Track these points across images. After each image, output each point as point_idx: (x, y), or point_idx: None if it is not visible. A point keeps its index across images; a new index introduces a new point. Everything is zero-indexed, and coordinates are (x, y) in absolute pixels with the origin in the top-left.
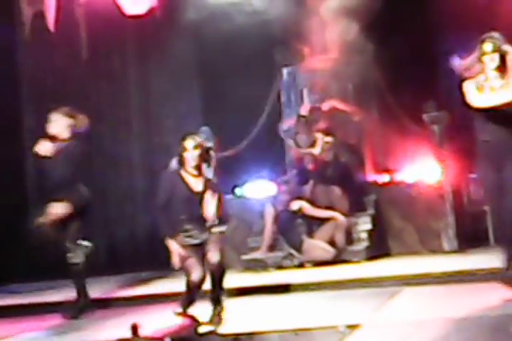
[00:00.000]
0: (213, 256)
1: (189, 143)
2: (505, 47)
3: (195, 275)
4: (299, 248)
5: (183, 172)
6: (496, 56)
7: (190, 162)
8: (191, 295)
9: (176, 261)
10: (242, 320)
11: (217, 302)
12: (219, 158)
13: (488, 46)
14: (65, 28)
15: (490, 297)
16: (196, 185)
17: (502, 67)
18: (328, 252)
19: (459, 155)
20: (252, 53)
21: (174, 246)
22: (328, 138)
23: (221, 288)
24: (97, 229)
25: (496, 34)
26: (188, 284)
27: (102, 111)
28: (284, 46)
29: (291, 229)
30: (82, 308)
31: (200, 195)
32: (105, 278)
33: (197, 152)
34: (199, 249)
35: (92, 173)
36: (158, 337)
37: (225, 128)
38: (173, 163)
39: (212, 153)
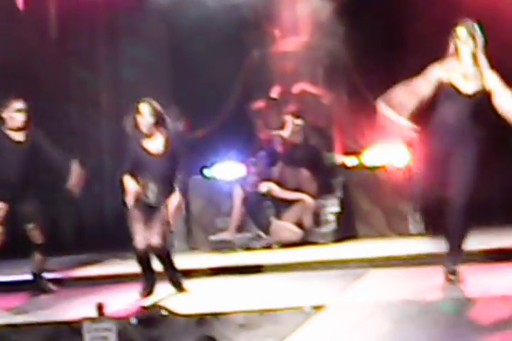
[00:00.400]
0: (154, 237)
1: (144, 108)
2: (478, 34)
3: (138, 241)
4: (266, 229)
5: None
6: (470, 42)
7: (144, 127)
8: (141, 265)
9: (129, 199)
10: (208, 300)
11: (175, 285)
12: (188, 139)
13: (461, 31)
14: (34, 6)
15: None
16: (153, 146)
17: (475, 55)
18: (296, 234)
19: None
20: (222, 35)
21: (130, 184)
22: (298, 121)
23: (173, 269)
24: (64, 209)
25: (469, 21)
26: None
27: (71, 90)
28: (255, 28)
29: (260, 211)
30: (43, 287)
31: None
32: (71, 257)
33: (152, 119)
34: (152, 213)
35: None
36: (123, 316)
37: (195, 110)
38: (128, 125)
39: (167, 118)
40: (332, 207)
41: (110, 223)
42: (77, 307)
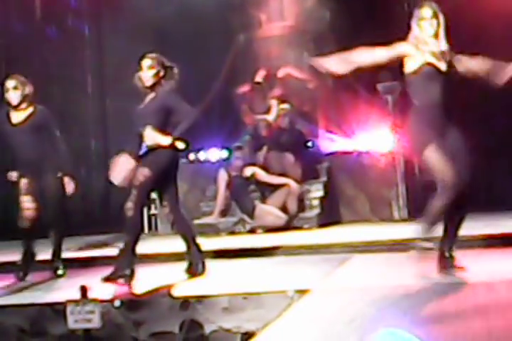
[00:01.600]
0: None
1: (145, 62)
2: (440, 13)
3: None
4: (251, 213)
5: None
6: (435, 22)
7: (145, 82)
8: None
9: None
10: (192, 283)
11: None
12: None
13: (427, 11)
14: None
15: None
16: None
17: (438, 34)
18: (280, 218)
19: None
20: (208, 19)
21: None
22: (284, 105)
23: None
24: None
25: (432, 1)
26: None
27: (55, 72)
28: (240, 13)
29: (244, 195)
30: (27, 269)
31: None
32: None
33: (151, 72)
34: None
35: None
36: (107, 299)
37: (180, 94)
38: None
39: (175, 70)
40: (316, 191)
41: (96, 206)
42: (61, 290)
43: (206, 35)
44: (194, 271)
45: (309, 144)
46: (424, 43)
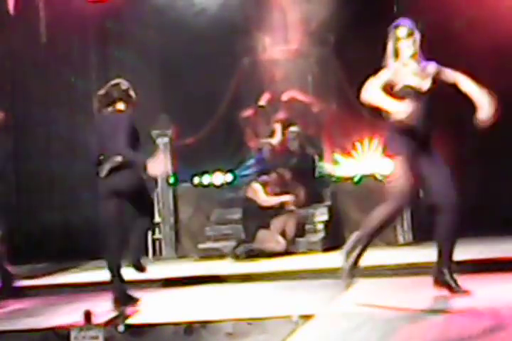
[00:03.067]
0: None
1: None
2: (416, 31)
3: None
4: (252, 238)
5: None
6: (411, 41)
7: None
8: None
9: None
10: (196, 308)
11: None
12: (178, 146)
13: (402, 31)
14: (25, 11)
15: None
16: None
17: (415, 54)
18: (279, 244)
19: None
20: (213, 42)
21: None
22: (294, 128)
23: None
24: (53, 215)
25: (407, 20)
26: None
27: (61, 96)
28: (245, 36)
29: (249, 219)
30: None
31: None
32: (60, 265)
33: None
34: None
35: (48, 159)
36: (111, 324)
37: (185, 117)
38: None
39: (131, 93)
40: (321, 215)
41: (99, 230)
42: (64, 315)
43: (211, 59)
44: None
45: (319, 168)
46: (403, 65)
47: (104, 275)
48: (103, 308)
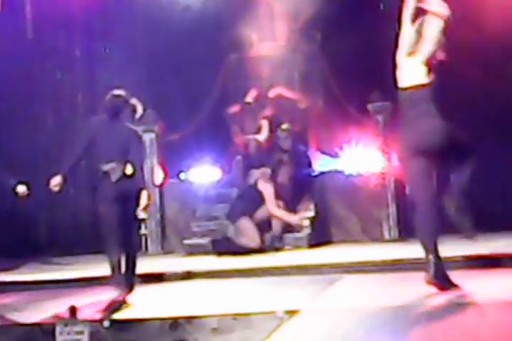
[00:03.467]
0: None
1: None
2: None
3: None
4: (233, 222)
5: None
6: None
7: None
8: None
9: None
10: (182, 303)
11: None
12: (164, 142)
13: None
14: (11, 7)
15: (426, 286)
16: None
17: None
18: (254, 241)
19: None
20: (199, 38)
21: None
22: (285, 126)
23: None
24: (38, 211)
25: None
26: None
27: (47, 90)
28: (232, 32)
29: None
30: None
31: None
32: (46, 260)
33: None
34: None
35: (35, 153)
36: (96, 319)
37: (171, 113)
38: None
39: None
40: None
41: (85, 225)
42: (49, 310)
43: (197, 55)
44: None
45: (310, 166)
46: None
47: (89, 271)
48: (88, 304)
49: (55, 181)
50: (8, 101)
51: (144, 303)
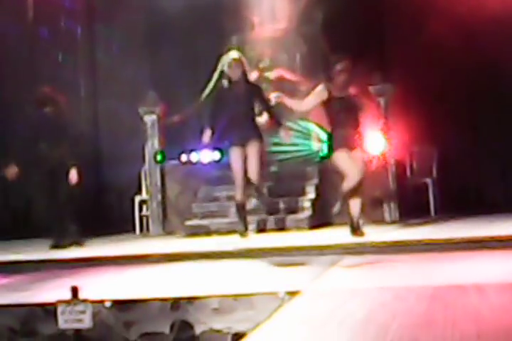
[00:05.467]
0: None
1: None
2: None
3: None
4: None
5: None
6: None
7: None
8: None
9: None
10: (183, 284)
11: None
12: (165, 124)
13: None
14: None
15: (429, 267)
16: None
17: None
18: None
19: (403, 127)
20: (201, 20)
21: None
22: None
23: None
24: (39, 193)
25: None
26: None
27: (47, 75)
28: (233, 15)
29: None
30: None
31: None
32: (47, 241)
33: None
34: None
35: (36, 138)
36: (98, 300)
37: (173, 94)
38: None
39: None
40: (308, 193)
41: (87, 207)
42: (51, 290)
43: (199, 37)
44: None
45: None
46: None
47: (89, 251)
48: (89, 284)
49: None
50: (11, 83)
51: (145, 284)
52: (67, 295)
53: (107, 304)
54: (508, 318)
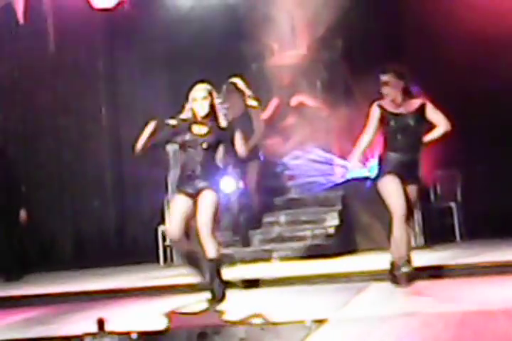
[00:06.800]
0: None
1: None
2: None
3: None
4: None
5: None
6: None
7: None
8: None
9: None
10: (210, 313)
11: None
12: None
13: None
14: (33, 20)
15: (456, 292)
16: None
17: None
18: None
19: (425, 151)
20: (221, 47)
21: None
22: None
23: None
24: (64, 223)
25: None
26: None
27: (70, 104)
28: (253, 42)
29: None
30: None
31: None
32: (72, 273)
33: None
34: None
35: (59, 167)
36: (124, 332)
37: None
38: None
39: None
40: (332, 220)
41: (110, 237)
42: (77, 323)
43: (219, 64)
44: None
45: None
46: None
47: (115, 282)
48: (115, 316)
49: None
50: (33, 114)
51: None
52: (94, 328)
53: (134, 336)
54: None
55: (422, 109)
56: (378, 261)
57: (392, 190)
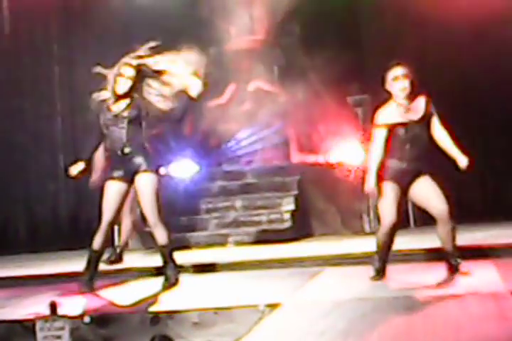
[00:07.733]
0: None
1: None
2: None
3: None
4: None
5: None
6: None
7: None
8: None
9: None
10: (162, 298)
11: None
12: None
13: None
14: None
15: (407, 278)
16: None
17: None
18: None
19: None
20: (177, 32)
21: None
22: None
23: None
24: (17, 207)
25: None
26: None
27: (25, 87)
28: (211, 26)
29: None
30: None
31: None
32: (24, 256)
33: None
34: None
35: (12, 150)
36: (76, 315)
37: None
38: None
39: None
40: (288, 205)
41: (64, 221)
42: (29, 306)
43: (176, 49)
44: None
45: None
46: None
47: (68, 266)
48: (68, 299)
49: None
50: None
51: (125, 298)
52: (46, 312)
53: (86, 319)
54: (487, 327)
55: (428, 113)
56: (333, 246)
57: (385, 198)
